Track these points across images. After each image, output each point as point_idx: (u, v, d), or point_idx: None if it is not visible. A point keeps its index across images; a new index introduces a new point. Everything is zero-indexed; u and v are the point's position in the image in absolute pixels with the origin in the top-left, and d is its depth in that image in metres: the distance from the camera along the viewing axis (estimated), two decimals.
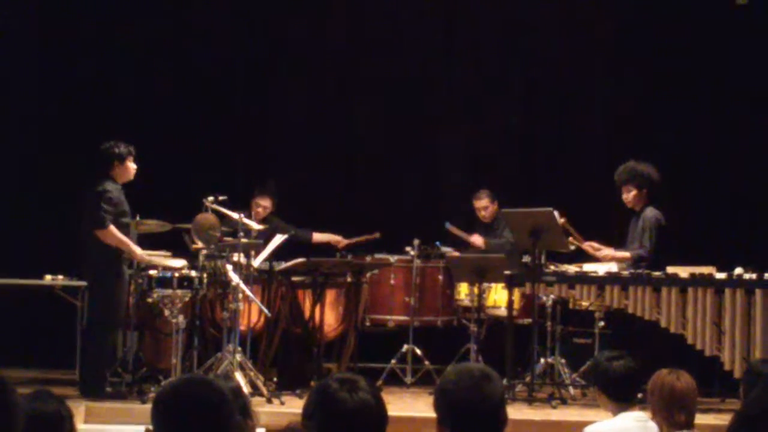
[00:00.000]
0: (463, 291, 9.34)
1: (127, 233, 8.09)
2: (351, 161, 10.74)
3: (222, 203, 8.30)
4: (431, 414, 3.26)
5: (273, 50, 10.77)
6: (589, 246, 8.67)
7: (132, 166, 8.23)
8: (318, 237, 9.79)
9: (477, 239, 9.65)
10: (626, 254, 8.55)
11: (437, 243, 9.53)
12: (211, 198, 8.26)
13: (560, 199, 8.80)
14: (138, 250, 8.09)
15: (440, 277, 9.50)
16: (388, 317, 9.49)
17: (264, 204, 9.47)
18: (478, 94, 10.63)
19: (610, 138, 10.36)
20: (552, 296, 8.84)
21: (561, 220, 8.47)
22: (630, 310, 8.03)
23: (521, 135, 10.74)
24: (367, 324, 9.46)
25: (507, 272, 8.42)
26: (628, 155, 8.72)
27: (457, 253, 9.46)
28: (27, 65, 10.34)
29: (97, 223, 7.98)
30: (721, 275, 7.92)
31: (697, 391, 4.84)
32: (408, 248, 9.42)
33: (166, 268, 8.10)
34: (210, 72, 10.51)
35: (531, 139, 10.72)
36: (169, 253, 8.55)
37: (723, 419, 6.96)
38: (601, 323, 8.99)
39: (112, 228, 7.98)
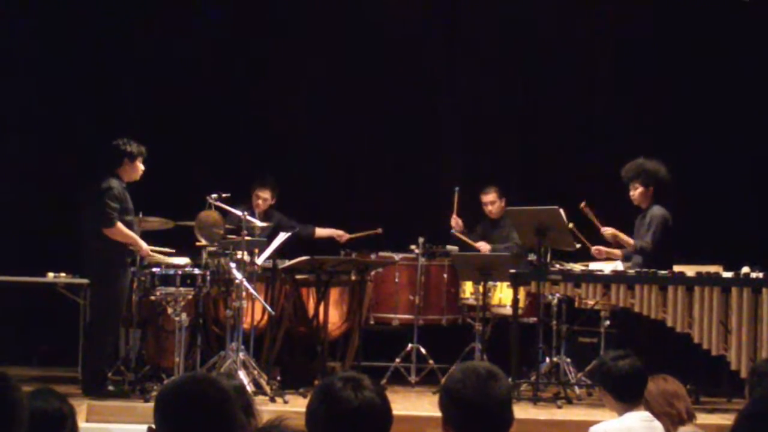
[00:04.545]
0: (468, 289, 9.30)
1: (131, 231, 8.06)
2: (354, 158, 10.68)
3: (225, 200, 8.27)
4: (436, 413, 3.24)
5: (273, 46, 10.70)
6: (596, 250, 8.59)
7: (140, 167, 8.17)
8: (320, 232, 9.72)
9: (483, 246, 9.56)
10: (629, 240, 8.47)
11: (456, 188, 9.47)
12: (214, 195, 8.22)
13: (563, 197, 8.74)
14: (144, 245, 8.08)
15: (445, 276, 9.46)
16: (392, 316, 9.45)
17: (264, 196, 9.34)
18: (480, 88, 10.59)
19: (616, 136, 10.30)
20: (557, 295, 8.80)
21: (581, 205, 8.42)
22: (636, 309, 7.98)
23: (524, 130, 10.71)
24: (372, 322, 9.42)
25: (512, 271, 8.37)
26: (635, 153, 8.67)
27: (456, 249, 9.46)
28: (27, 60, 10.29)
29: (105, 221, 7.94)
30: (727, 274, 7.90)
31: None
32: (413, 246, 9.39)
33: (169, 266, 8.08)
34: (212, 67, 10.47)
35: (534, 135, 10.68)
36: (173, 251, 8.53)
37: (729, 419, 6.87)
38: (607, 322, 8.95)
39: (120, 225, 7.96)
